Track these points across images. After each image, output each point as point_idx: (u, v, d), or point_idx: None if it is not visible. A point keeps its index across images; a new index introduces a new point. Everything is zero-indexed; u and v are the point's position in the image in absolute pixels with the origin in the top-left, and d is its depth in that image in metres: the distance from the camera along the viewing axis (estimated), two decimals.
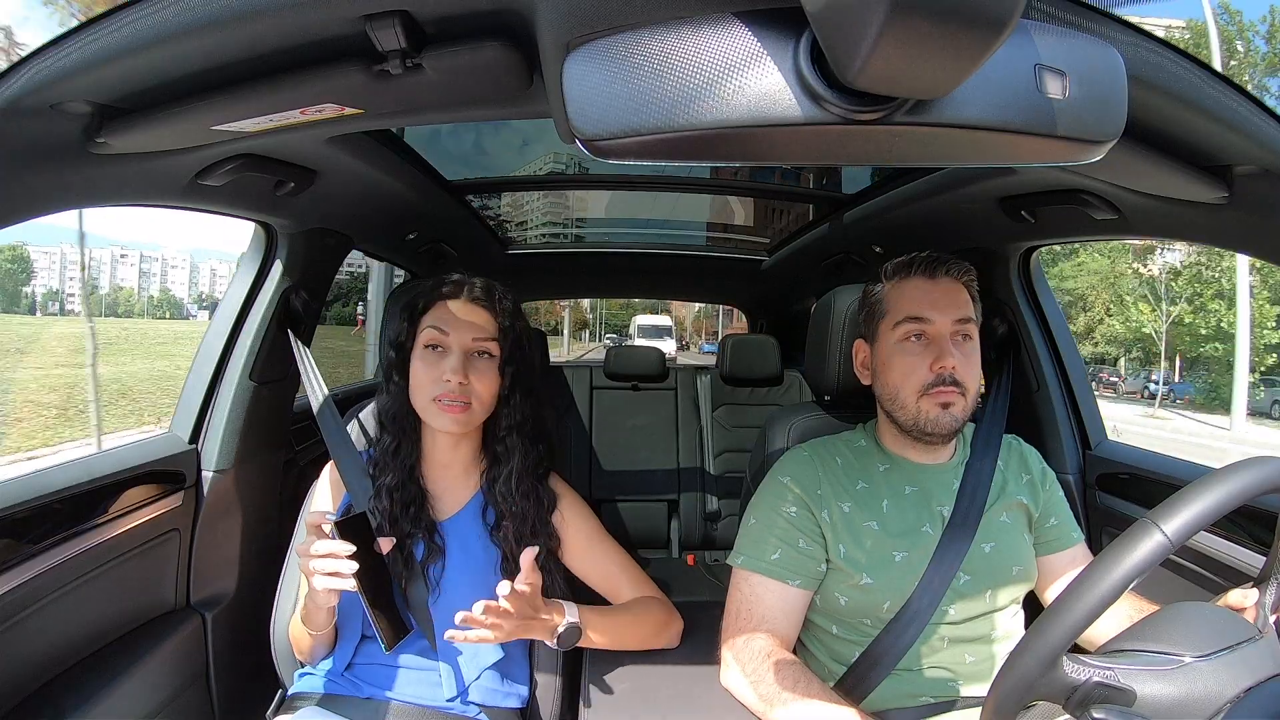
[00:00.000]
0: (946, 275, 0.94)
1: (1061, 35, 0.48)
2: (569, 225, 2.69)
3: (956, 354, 0.91)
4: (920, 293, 0.94)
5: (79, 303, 36.65)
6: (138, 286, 62.72)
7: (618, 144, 0.46)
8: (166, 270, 70.16)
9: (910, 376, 0.92)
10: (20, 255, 38.69)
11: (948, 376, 0.90)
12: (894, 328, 0.94)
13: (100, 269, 45.57)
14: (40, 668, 0.95)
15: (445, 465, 1.03)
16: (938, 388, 0.90)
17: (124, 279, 45.58)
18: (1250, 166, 0.73)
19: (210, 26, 0.55)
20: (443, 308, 0.98)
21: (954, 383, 0.90)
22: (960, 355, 0.91)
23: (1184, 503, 0.55)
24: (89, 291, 9.04)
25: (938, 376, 0.90)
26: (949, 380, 0.90)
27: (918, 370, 0.92)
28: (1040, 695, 0.57)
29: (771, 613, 0.92)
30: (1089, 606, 0.54)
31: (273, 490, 1.42)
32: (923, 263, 0.95)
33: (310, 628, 0.94)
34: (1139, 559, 0.54)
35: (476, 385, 0.96)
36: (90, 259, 39.97)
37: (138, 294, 61.84)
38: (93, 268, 44.55)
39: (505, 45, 0.59)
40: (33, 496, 0.92)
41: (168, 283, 67.91)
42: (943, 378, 0.90)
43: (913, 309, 0.93)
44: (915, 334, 0.93)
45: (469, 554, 0.99)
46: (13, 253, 37.57)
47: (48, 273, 44.66)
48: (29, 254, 39.71)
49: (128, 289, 61.37)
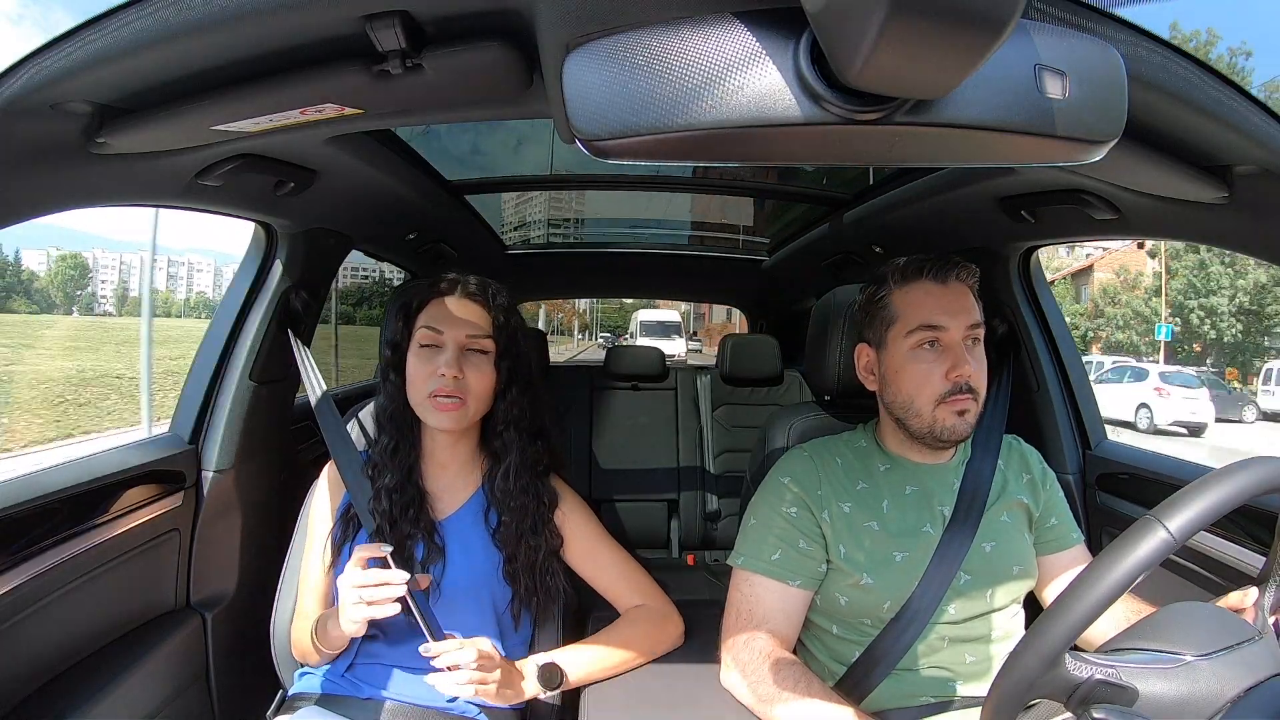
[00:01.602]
0: (956, 280, 0.92)
1: (1061, 35, 0.48)
2: (568, 225, 2.69)
3: (970, 361, 0.90)
4: (932, 299, 0.91)
5: (113, 304, 38.93)
6: (166, 289, 64.58)
7: (618, 144, 0.47)
8: (192, 274, 71.42)
9: (926, 386, 0.90)
10: (80, 263, 40.39)
11: (964, 385, 0.89)
12: (906, 335, 0.92)
13: (130, 272, 46.89)
14: (40, 668, 0.94)
15: (444, 464, 1.03)
16: (954, 396, 0.89)
17: (155, 283, 47.43)
18: (1250, 166, 0.73)
19: (210, 26, 0.55)
20: (437, 306, 0.99)
21: (969, 390, 0.89)
22: (973, 361, 0.90)
23: (1186, 501, 0.55)
24: (152, 293, 9.72)
25: (955, 385, 0.89)
26: (965, 388, 0.89)
27: (933, 379, 0.90)
28: (1042, 693, 0.57)
29: (771, 613, 0.92)
30: (1091, 604, 0.54)
31: (273, 490, 1.41)
32: (932, 267, 0.92)
33: (326, 646, 0.93)
34: (1142, 556, 0.54)
35: (471, 381, 0.96)
36: (120, 263, 41.92)
37: (171, 296, 63.74)
38: (123, 271, 46.32)
39: (505, 45, 0.59)
40: (33, 496, 0.92)
41: (195, 286, 69.23)
42: (959, 386, 0.89)
43: (926, 316, 0.91)
44: (929, 341, 0.91)
45: (469, 554, 0.99)
46: (75, 260, 39.41)
47: (98, 276, 45.98)
48: (86, 260, 41.48)
49: (164, 292, 63.35)
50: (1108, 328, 20.39)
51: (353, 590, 0.83)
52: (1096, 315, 21.03)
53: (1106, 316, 20.60)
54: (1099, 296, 21.12)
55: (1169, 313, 18.70)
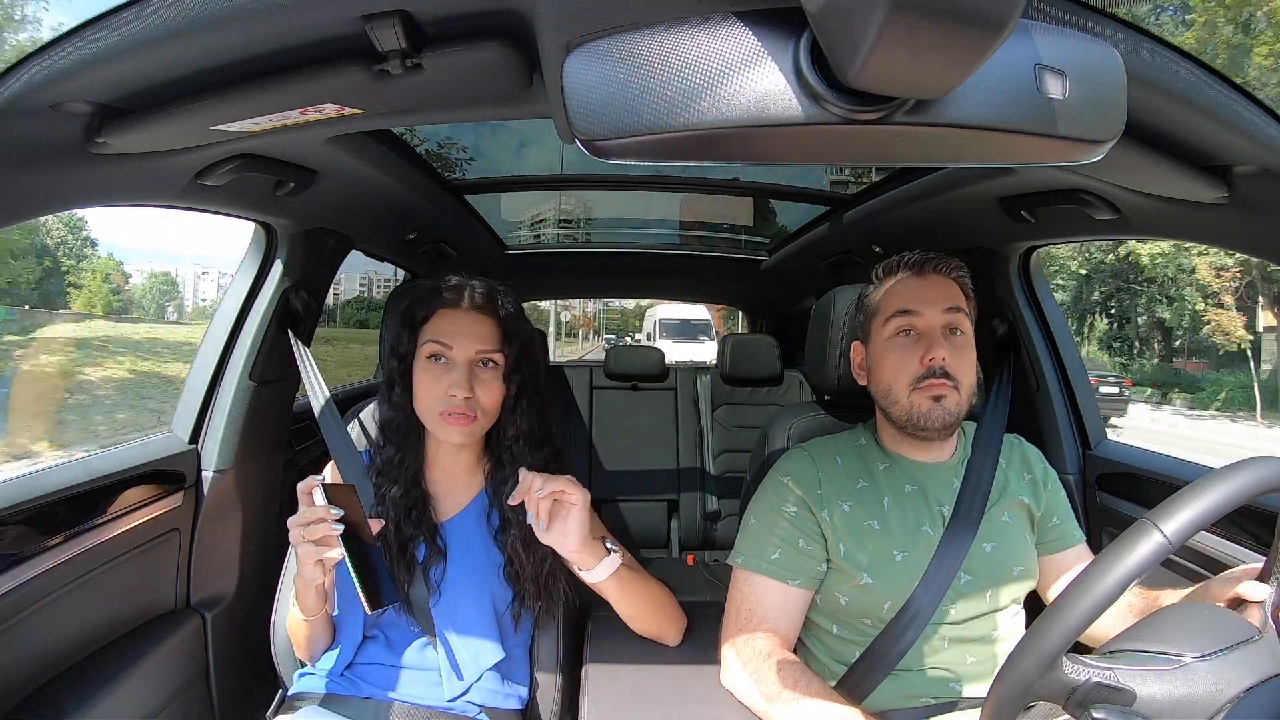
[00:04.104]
0: (935, 272, 0.95)
1: (1061, 35, 0.48)
2: (568, 225, 2.69)
3: (947, 346, 0.91)
4: (908, 289, 0.95)
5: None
6: (217, 298, 65.27)
7: (618, 144, 0.46)
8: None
9: (901, 371, 0.92)
10: (170, 279, 43.75)
11: (938, 369, 0.90)
12: (885, 324, 0.95)
13: (184, 284, 48.62)
14: (40, 668, 0.94)
15: (448, 469, 1.03)
16: (928, 380, 0.90)
17: (204, 294, 49.09)
18: (1250, 166, 0.73)
19: (210, 26, 0.55)
20: (444, 317, 0.97)
21: (945, 375, 0.90)
22: (951, 348, 0.91)
23: (1183, 503, 0.55)
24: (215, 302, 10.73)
25: (928, 369, 0.90)
26: (939, 373, 0.90)
27: (908, 364, 0.92)
28: (1040, 696, 0.57)
29: (772, 613, 0.92)
30: (1087, 607, 0.54)
31: (273, 490, 1.41)
32: (911, 261, 0.96)
33: (303, 612, 0.93)
34: (1138, 559, 0.54)
35: (482, 397, 0.95)
36: (175, 274, 45.18)
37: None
38: (179, 283, 48.78)
39: (505, 45, 0.59)
40: (33, 496, 0.92)
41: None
42: (933, 370, 0.90)
43: (900, 303, 0.94)
44: (905, 329, 0.94)
45: (471, 555, 0.99)
46: (165, 277, 42.91)
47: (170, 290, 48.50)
48: (173, 276, 44.86)
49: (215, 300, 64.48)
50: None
51: (295, 529, 0.83)
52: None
53: None
54: None
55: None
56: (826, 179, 2.02)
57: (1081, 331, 18.91)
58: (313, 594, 0.91)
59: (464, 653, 0.95)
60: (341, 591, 0.95)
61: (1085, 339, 19.09)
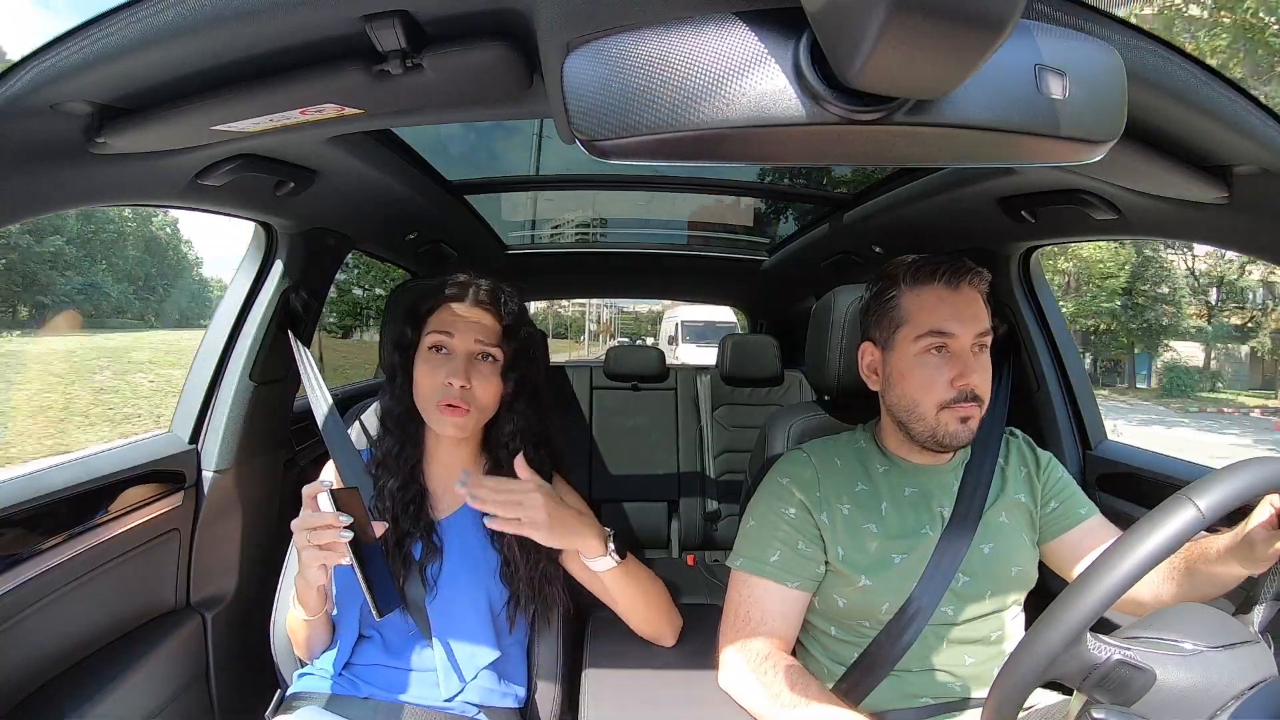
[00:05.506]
0: (969, 285, 0.91)
1: (1061, 35, 0.48)
2: (567, 225, 2.69)
3: (977, 368, 0.89)
4: (944, 305, 0.90)
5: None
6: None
7: (618, 144, 0.46)
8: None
9: (931, 390, 0.90)
10: (222, 285, 45.16)
11: (970, 393, 0.89)
12: (915, 339, 0.91)
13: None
14: (40, 668, 0.95)
15: (446, 465, 1.03)
16: (959, 403, 0.89)
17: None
18: (1250, 166, 0.73)
19: (210, 26, 0.55)
20: (448, 310, 0.98)
21: (974, 398, 0.89)
22: (979, 368, 0.90)
23: (1220, 480, 0.56)
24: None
25: (960, 393, 0.89)
26: (970, 396, 0.89)
27: (938, 384, 0.89)
28: (1059, 673, 0.55)
29: (770, 614, 0.92)
30: (1120, 577, 0.53)
31: (273, 490, 1.42)
32: (946, 271, 0.90)
33: (305, 611, 0.93)
34: (1173, 531, 0.53)
35: (478, 390, 0.95)
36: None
37: None
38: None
39: (505, 45, 0.59)
40: (33, 496, 0.92)
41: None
42: (965, 394, 0.89)
43: (936, 322, 0.90)
44: (937, 346, 0.90)
45: (468, 554, 0.99)
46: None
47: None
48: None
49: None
50: None
51: (301, 533, 0.83)
52: None
53: None
54: None
55: None
56: (827, 179, 2.02)
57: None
58: (314, 594, 0.91)
59: (461, 651, 0.95)
60: (338, 590, 0.95)
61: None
